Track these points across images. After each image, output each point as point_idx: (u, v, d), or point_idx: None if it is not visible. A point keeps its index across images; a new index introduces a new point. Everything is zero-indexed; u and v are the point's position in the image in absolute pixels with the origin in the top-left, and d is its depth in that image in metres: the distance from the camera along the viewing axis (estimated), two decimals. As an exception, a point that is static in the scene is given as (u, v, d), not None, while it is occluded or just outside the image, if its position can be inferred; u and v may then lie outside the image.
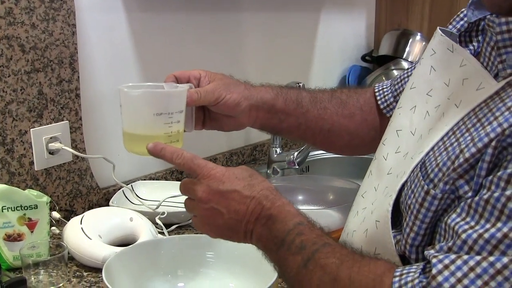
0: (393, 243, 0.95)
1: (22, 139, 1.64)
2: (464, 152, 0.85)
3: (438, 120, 0.96)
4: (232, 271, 1.37)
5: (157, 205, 1.75)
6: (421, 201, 0.88)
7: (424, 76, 1.05)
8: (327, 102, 1.40)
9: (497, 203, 0.77)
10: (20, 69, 1.60)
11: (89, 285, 1.44)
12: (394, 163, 1.02)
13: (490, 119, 0.85)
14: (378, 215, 1.01)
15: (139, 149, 1.21)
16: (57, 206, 1.73)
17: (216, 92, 1.28)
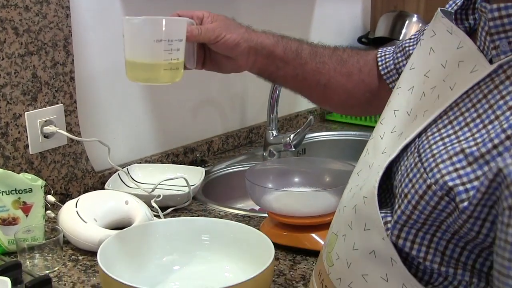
0: (382, 221, 0.95)
1: (17, 123, 1.63)
2: (466, 151, 0.83)
3: (433, 102, 0.96)
4: (228, 254, 1.37)
5: (153, 188, 1.75)
6: (422, 193, 0.87)
7: (423, 57, 1.05)
8: (327, 58, 1.41)
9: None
10: (13, 52, 1.59)
11: (85, 269, 1.44)
12: (388, 142, 1.02)
13: (490, 117, 0.83)
14: (366, 191, 1.00)
15: (141, 76, 1.27)
16: (52, 190, 1.73)
17: (216, 30, 1.30)
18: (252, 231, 1.36)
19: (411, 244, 0.91)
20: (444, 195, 0.84)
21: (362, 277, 0.98)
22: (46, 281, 1.27)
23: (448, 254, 0.89)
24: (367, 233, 0.98)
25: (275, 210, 1.50)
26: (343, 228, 1.05)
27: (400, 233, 0.91)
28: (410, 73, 1.07)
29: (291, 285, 1.38)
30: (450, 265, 0.89)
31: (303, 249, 1.50)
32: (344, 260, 1.03)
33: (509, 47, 0.85)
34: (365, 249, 0.98)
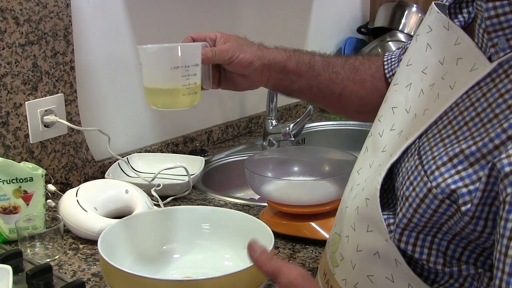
0: (384, 222, 0.95)
1: (17, 112, 1.64)
2: (465, 152, 0.84)
3: (433, 101, 0.95)
4: (228, 242, 1.38)
5: (153, 177, 1.75)
6: (423, 197, 0.87)
7: (420, 53, 1.04)
8: (339, 67, 1.41)
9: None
10: (14, 41, 1.59)
11: (85, 257, 1.44)
12: (388, 141, 1.02)
13: (489, 116, 0.83)
14: (368, 192, 1.01)
15: (160, 102, 1.29)
16: (52, 179, 1.74)
17: (230, 51, 1.31)
18: (251, 220, 1.36)
19: (413, 247, 0.91)
20: (445, 198, 0.84)
21: (368, 278, 0.99)
22: (47, 269, 1.27)
23: (449, 254, 0.90)
24: (370, 234, 0.98)
25: (275, 199, 1.51)
26: (346, 229, 1.06)
27: (401, 237, 0.92)
28: (407, 70, 1.07)
29: (291, 273, 1.38)
30: (453, 265, 0.89)
31: (303, 238, 1.51)
32: (348, 261, 1.03)
33: (508, 44, 0.85)
34: (369, 251, 0.98)
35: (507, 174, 0.74)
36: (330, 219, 1.46)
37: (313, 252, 1.47)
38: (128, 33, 1.94)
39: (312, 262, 1.42)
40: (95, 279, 1.35)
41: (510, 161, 0.75)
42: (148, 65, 1.28)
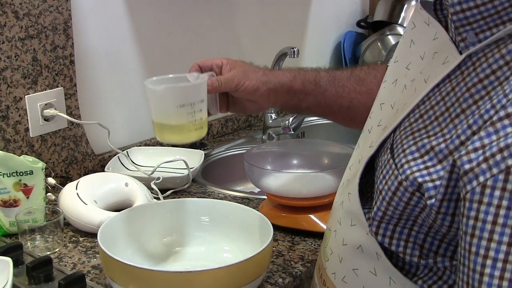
0: (364, 216, 0.96)
1: (17, 106, 1.64)
2: (435, 149, 0.84)
3: (411, 95, 0.96)
4: (227, 234, 1.38)
5: (152, 171, 1.76)
6: (394, 190, 0.87)
7: (405, 49, 1.05)
8: (345, 80, 1.42)
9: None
10: (14, 35, 1.60)
11: (85, 250, 1.45)
12: (375, 136, 1.02)
13: (457, 111, 0.83)
14: (350, 187, 1.02)
15: (168, 137, 1.31)
16: (52, 173, 1.74)
17: (235, 79, 1.34)
18: (251, 212, 1.37)
19: (390, 240, 0.92)
20: (415, 191, 0.84)
21: (353, 272, 1.00)
22: (47, 261, 1.28)
23: (426, 247, 0.90)
24: (353, 228, 0.99)
25: (274, 191, 1.51)
26: (334, 223, 1.08)
27: (378, 229, 0.92)
28: (394, 66, 1.08)
29: (290, 265, 1.39)
30: (429, 257, 0.90)
31: (302, 230, 1.51)
32: (336, 255, 1.05)
33: (477, 38, 0.85)
34: (353, 244, 0.99)
35: (467, 171, 0.74)
36: (329, 212, 1.46)
37: (312, 244, 1.48)
38: (127, 27, 1.94)
39: (311, 254, 1.43)
40: (95, 271, 1.36)
41: (469, 158, 0.75)
42: (155, 103, 1.29)
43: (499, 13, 0.82)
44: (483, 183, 0.73)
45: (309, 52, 2.75)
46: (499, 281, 0.72)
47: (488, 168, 0.72)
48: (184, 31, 2.12)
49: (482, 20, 0.84)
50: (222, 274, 1.14)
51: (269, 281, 1.32)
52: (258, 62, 2.41)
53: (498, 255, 0.72)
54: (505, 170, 0.71)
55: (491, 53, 0.82)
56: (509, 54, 0.80)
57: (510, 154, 0.71)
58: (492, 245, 0.72)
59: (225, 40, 2.31)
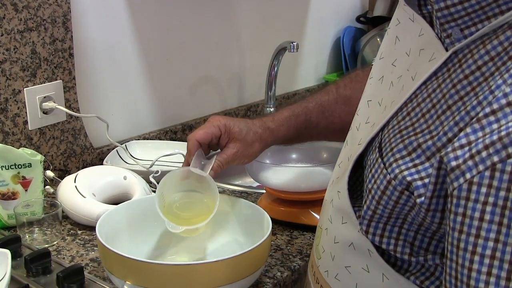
0: (355, 214, 0.96)
1: (16, 99, 1.64)
2: (422, 146, 0.84)
3: (398, 93, 0.95)
4: (225, 228, 1.38)
5: (151, 164, 1.76)
6: (383, 189, 0.87)
7: (390, 46, 1.04)
8: (333, 105, 1.41)
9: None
10: (13, 28, 1.59)
11: (83, 243, 1.45)
12: (363, 134, 1.02)
13: (443, 107, 0.83)
14: (339, 185, 1.02)
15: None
16: (51, 166, 1.74)
17: (236, 159, 1.32)
18: (250, 205, 1.37)
19: (380, 238, 0.92)
20: (404, 190, 0.85)
21: (346, 269, 1.00)
22: (45, 254, 1.28)
23: (417, 244, 0.90)
24: (345, 226, 1.00)
25: (273, 185, 1.51)
26: (325, 221, 1.08)
27: (369, 228, 0.93)
28: (379, 63, 1.07)
29: (288, 259, 1.39)
30: (420, 255, 0.90)
31: (300, 224, 1.51)
32: (328, 253, 1.05)
33: (462, 34, 0.85)
34: (345, 242, 1.00)
35: (453, 168, 0.74)
36: (328, 206, 1.47)
37: (310, 238, 1.48)
38: (127, 20, 1.94)
39: (309, 249, 1.43)
40: (93, 264, 1.36)
41: (456, 155, 0.75)
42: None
43: (483, 9, 0.82)
44: (469, 180, 0.73)
45: (308, 47, 2.75)
46: (487, 276, 0.73)
47: (475, 165, 0.73)
48: (183, 26, 2.12)
49: (467, 16, 0.84)
50: (220, 267, 1.14)
51: (267, 275, 1.33)
52: (257, 57, 2.41)
53: (485, 251, 0.73)
54: (490, 167, 0.71)
55: (477, 49, 0.82)
56: (494, 50, 0.80)
57: (495, 151, 0.71)
58: (479, 241, 0.73)
59: (224, 34, 2.31)
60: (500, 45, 0.79)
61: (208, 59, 2.27)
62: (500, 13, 0.81)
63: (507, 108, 0.74)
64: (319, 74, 2.88)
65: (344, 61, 2.88)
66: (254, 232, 1.31)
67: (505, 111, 0.74)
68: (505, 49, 0.79)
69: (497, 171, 0.71)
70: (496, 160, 0.71)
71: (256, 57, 2.46)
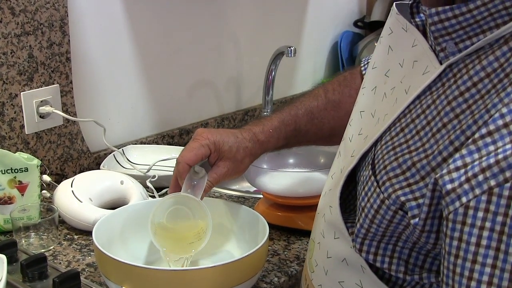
0: (347, 230, 0.96)
1: (13, 103, 1.64)
2: (417, 165, 0.83)
3: (392, 105, 0.94)
4: (222, 233, 1.38)
5: (148, 169, 1.75)
6: (377, 208, 0.86)
7: (383, 55, 1.03)
8: (322, 112, 1.39)
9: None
10: (10, 32, 1.59)
11: (80, 248, 1.45)
12: (356, 145, 1.01)
13: (438, 125, 0.82)
14: (330, 200, 1.01)
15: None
16: (47, 170, 1.73)
17: (226, 176, 1.29)
18: (246, 210, 1.37)
19: (374, 256, 0.92)
20: (398, 209, 0.84)
21: (339, 284, 1.00)
22: (42, 259, 1.27)
23: (412, 262, 0.90)
24: (337, 241, 0.99)
25: (270, 190, 1.51)
26: (317, 235, 1.07)
27: (362, 246, 0.92)
28: (372, 73, 1.06)
29: (286, 264, 1.39)
30: (415, 273, 0.89)
31: (298, 230, 1.51)
32: (321, 267, 1.04)
33: (457, 47, 0.84)
34: (338, 257, 0.99)
35: (449, 191, 0.73)
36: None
37: (307, 243, 1.47)
38: (124, 25, 1.93)
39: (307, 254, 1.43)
40: (89, 269, 1.36)
41: (451, 178, 0.74)
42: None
43: (478, 22, 0.81)
44: (465, 204, 0.72)
45: (306, 52, 2.75)
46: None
47: (471, 189, 0.72)
48: (180, 30, 2.12)
49: (461, 30, 0.83)
50: (217, 273, 1.14)
51: (264, 280, 1.32)
52: (255, 61, 2.41)
53: (482, 277, 0.72)
54: (487, 191, 0.70)
55: (472, 64, 0.81)
56: (489, 66, 0.79)
57: (492, 175, 0.70)
58: (476, 267, 0.72)
59: (221, 39, 2.31)
60: (496, 61, 0.78)
61: (205, 64, 2.27)
62: (496, 27, 0.80)
63: (504, 130, 0.72)
64: (316, 78, 2.88)
65: (341, 65, 2.88)
66: (251, 237, 1.31)
67: (501, 132, 0.72)
68: (501, 65, 0.78)
69: (494, 195, 0.70)
70: (493, 184, 0.70)
71: (254, 61, 2.46)
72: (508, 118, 0.72)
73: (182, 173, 1.26)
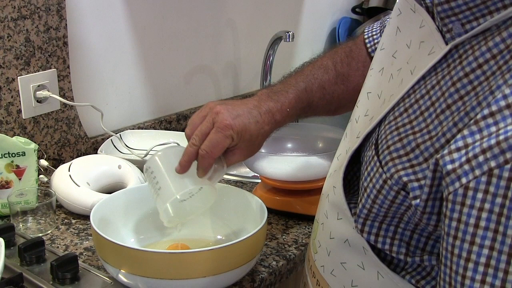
0: (350, 211, 0.95)
1: (10, 87, 1.63)
2: (421, 147, 0.82)
3: (397, 86, 0.93)
4: (221, 217, 1.38)
5: (145, 153, 1.75)
6: (379, 188, 0.86)
7: (391, 36, 1.02)
8: (333, 86, 1.37)
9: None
10: (6, 16, 1.58)
11: (78, 232, 1.44)
12: (362, 127, 1.01)
13: (442, 106, 0.81)
14: (334, 180, 1.01)
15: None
16: (45, 155, 1.73)
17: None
18: (245, 194, 1.36)
19: (376, 237, 0.91)
20: (400, 190, 0.83)
21: (341, 265, 1.00)
22: (39, 243, 1.28)
23: (413, 244, 0.89)
24: (340, 222, 0.99)
25: (268, 174, 1.51)
26: (321, 216, 1.07)
27: (364, 227, 0.92)
28: (380, 54, 1.06)
29: (284, 248, 1.39)
30: (416, 255, 0.89)
31: (296, 214, 1.51)
32: (324, 248, 1.04)
33: (463, 28, 0.83)
34: (340, 238, 0.99)
35: (449, 172, 0.73)
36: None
37: (306, 227, 1.47)
38: (122, 9, 1.93)
39: (305, 238, 1.43)
40: (87, 253, 1.35)
41: (452, 158, 0.73)
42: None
43: (485, 3, 0.80)
44: (465, 185, 0.71)
45: (303, 38, 2.74)
46: (481, 285, 0.71)
47: (471, 170, 0.71)
48: (178, 15, 2.11)
49: (468, 11, 0.82)
50: (215, 256, 1.14)
51: (262, 264, 1.32)
52: (253, 46, 2.41)
53: (480, 258, 0.71)
54: (487, 172, 0.69)
55: (478, 45, 0.80)
56: (496, 47, 0.77)
57: (493, 156, 0.69)
58: (474, 248, 0.72)
59: (219, 24, 2.30)
60: (502, 42, 0.77)
61: (203, 49, 2.26)
62: (503, 8, 0.79)
63: (506, 111, 0.71)
64: (314, 64, 2.88)
65: (339, 51, 2.87)
66: (250, 221, 1.31)
67: (504, 113, 0.71)
68: (507, 47, 0.76)
69: (494, 177, 0.69)
70: (494, 165, 0.69)
71: (251, 46, 2.45)
72: (511, 99, 0.71)
73: (207, 168, 1.20)
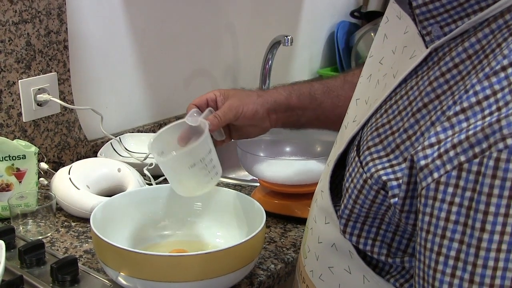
0: (336, 214, 0.96)
1: (10, 90, 1.64)
2: (400, 146, 0.83)
3: (381, 90, 0.94)
4: (219, 220, 1.39)
5: (145, 157, 1.76)
6: (360, 188, 0.87)
7: (379, 44, 1.03)
8: (339, 89, 1.40)
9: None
10: (8, 19, 1.59)
11: (77, 235, 1.45)
12: (350, 132, 1.02)
13: (418, 105, 0.82)
14: (322, 184, 1.03)
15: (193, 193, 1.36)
16: (45, 158, 1.74)
17: (233, 109, 1.32)
18: (243, 198, 1.37)
19: (357, 238, 0.92)
20: (380, 189, 0.84)
21: (329, 269, 1.01)
22: (39, 245, 1.28)
23: (395, 246, 0.90)
24: (327, 226, 1.00)
25: (266, 178, 1.51)
26: (310, 221, 1.08)
27: (346, 228, 0.92)
28: (369, 61, 1.07)
29: (282, 252, 1.40)
30: (397, 256, 0.90)
31: (294, 217, 1.52)
32: (313, 253, 1.05)
33: (442, 31, 0.84)
34: (328, 242, 1.00)
35: (422, 167, 0.74)
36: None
37: (304, 231, 1.48)
38: (121, 12, 1.93)
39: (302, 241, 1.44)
40: (87, 256, 1.36)
41: (425, 154, 0.74)
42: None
43: (462, 5, 0.81)
44: (437, 179, 0.72)
45: (302, 42, 2.75)
46: (451, 278, 0.73)
47: (442, 165, 0.72)
48: (177, 18, 2.12)
49: (446, 13, 0.82)
50: (214, 259, 1.14)
51: (261, 267, 1.33)
52: (251, 50, 2.42)
53: (450, 252, 0.72)
54: (457, 166, 0.71)
55: (456, 47, 0.81)
56: (471, 47, 0.79)
57: (463, 150, 0.70)
58: (444, 242, 0.73)
59: (218, 27, 2.31)
60: (478, 43, 0.78)
61: (202, 52, 2.27)
62: (480, 10, 0.80)
63: (476, 107, 0.72)
64: (313, 68, 2.89)
65: (338, 55, 2.88)
66: (248, 225, 1.32)
67: (474, 109, 0.72)
68: (482, 47, 0.78)
69: (463, 171, 0.70)
70: (463, 160, 0.70)
71: (250, 50, 2.46)
72: (481, 95, 0.72)
73: (187, 109, 1.32)
